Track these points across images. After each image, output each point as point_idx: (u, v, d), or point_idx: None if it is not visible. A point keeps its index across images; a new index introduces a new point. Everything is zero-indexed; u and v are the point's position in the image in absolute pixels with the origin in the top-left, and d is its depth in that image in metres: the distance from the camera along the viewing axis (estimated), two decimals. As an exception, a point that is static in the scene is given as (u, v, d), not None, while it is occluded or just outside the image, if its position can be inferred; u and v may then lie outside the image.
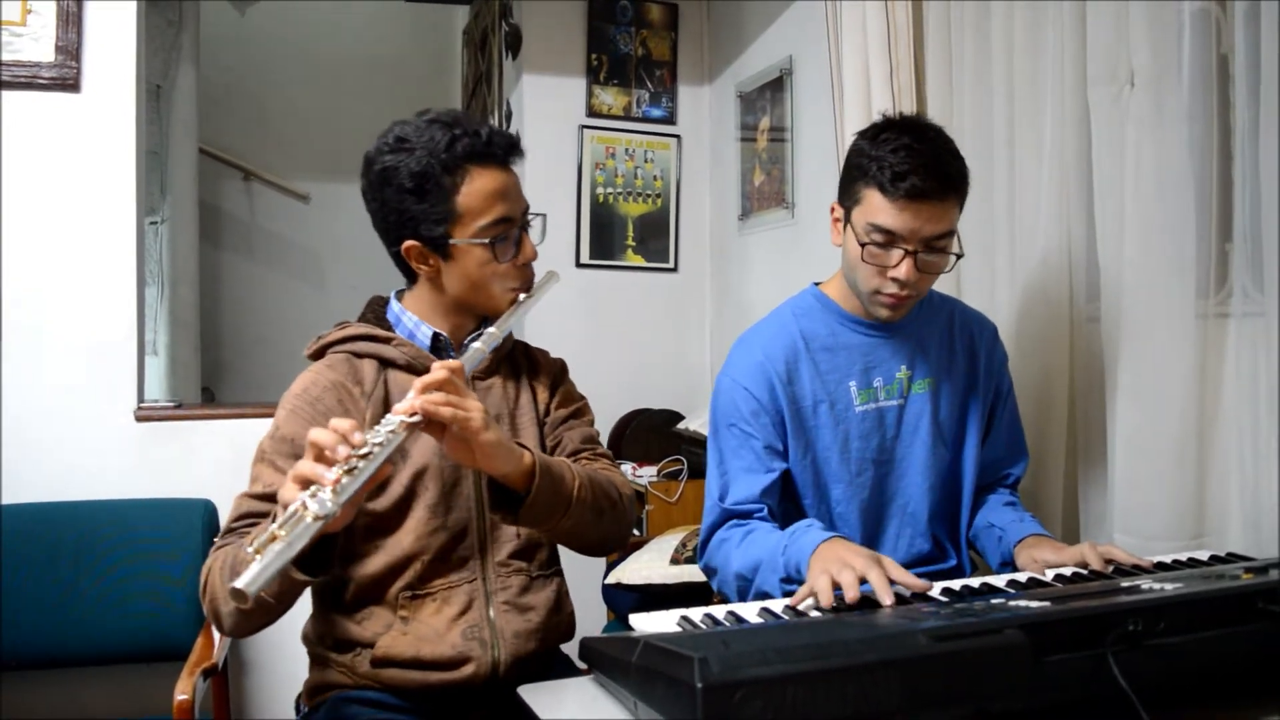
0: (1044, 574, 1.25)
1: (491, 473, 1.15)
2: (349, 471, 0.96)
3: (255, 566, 0.86)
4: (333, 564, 1.11)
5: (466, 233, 1.27)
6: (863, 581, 1.11)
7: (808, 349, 1.47)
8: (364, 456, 0.98)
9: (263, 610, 1.13)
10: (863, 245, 1.36)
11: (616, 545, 1.39)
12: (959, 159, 1.37)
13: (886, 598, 1.07)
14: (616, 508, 1.33)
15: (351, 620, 1.30)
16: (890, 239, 1.34)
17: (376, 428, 1.03)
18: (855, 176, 1.38)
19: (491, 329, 1.25)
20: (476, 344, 1.22)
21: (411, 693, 1.28)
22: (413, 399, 1.07)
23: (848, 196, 1.41)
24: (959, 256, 1.40)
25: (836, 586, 1.11)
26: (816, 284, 1.56)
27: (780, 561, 1.29)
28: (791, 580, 1.27)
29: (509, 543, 1.33)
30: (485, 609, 1.30)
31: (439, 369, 1.09)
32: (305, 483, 0.97)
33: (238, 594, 0.84)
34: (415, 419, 1.05)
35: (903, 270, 1.34)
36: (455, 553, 1.30)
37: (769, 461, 1.44)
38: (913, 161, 1.31)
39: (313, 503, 0.92)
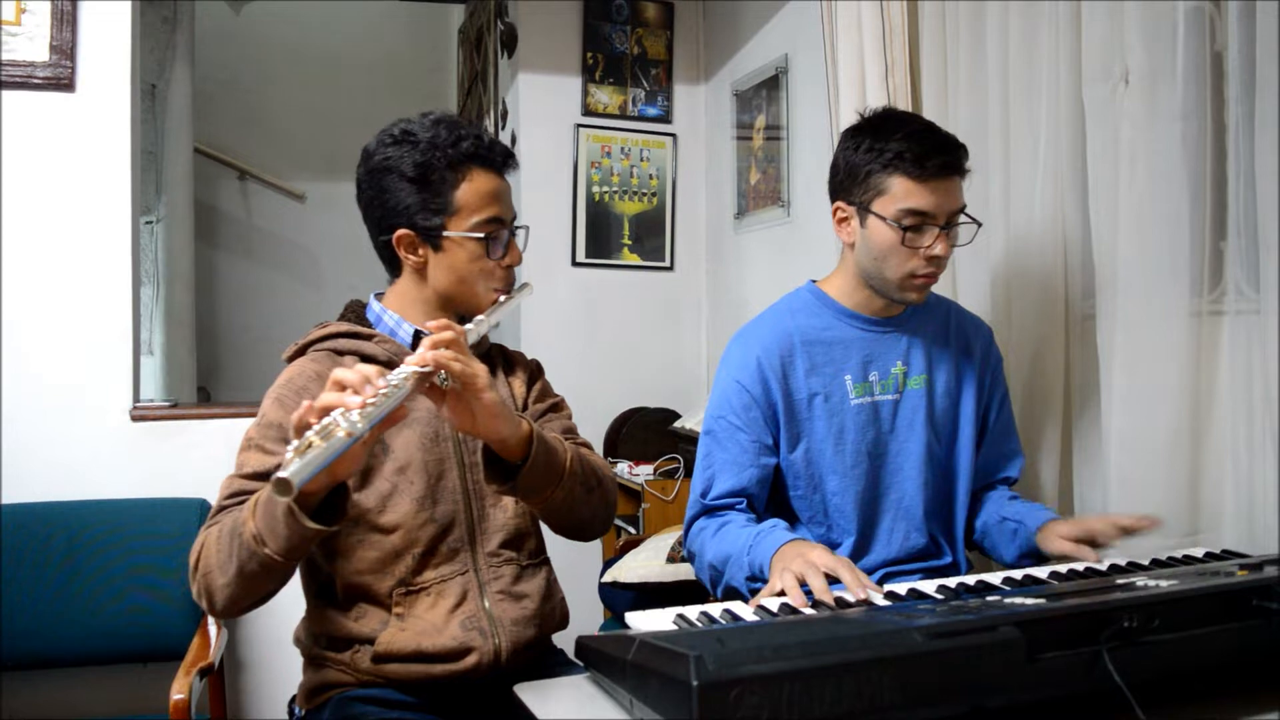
0: (1059, 543, 1.33)
1: (492, 436, 1.16)
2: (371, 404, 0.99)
3: (297, 462, 0.89)
4: (344, 514, 1.11)
5: (462, 227, 1.31)
6: (834, 582, 1.14)
7: (803, 343, 1.49)
8: (383, 396, 1.01)
9: (265, 572, 1.11)
10: (904, 230, 1.38)
11: (602, 527, 1.41)
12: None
13: (862, 591, 1.10)
14: (603, 485, 1.37)
15: (346, 617, 1.29)
16: (922, 220, 1.38)
17: (388, 376, 1.05)
18: (870, 171, 1.41)
19: (481, 317, 1.30)
20: (470, 325, 1.26)
21: (416, 686, 1.28)
22: (423, 352, 1.08)
23: (862, 192, 1.42)
24: (979, 224, 1.45)
25: (804, 585, 1.14)
26: (813, 281, 1.57)
27: (745, 561, 1.33)
28: (756, 579, 1.31)
29: (498, 533, 1.35)
30: (480, 600, 1.31)
31: (447, 329, 1.12)
32: (327, 411, 0.98)
33: (282, 484, 0.87)
34: (425, 369, 1.07)
35: (939, 247, 1.40)
36: (445, 545, 1.31)
37: (756, 456, 1.46)
38: (930, 141, 1.38)
39: (344, 420, 0.95)
